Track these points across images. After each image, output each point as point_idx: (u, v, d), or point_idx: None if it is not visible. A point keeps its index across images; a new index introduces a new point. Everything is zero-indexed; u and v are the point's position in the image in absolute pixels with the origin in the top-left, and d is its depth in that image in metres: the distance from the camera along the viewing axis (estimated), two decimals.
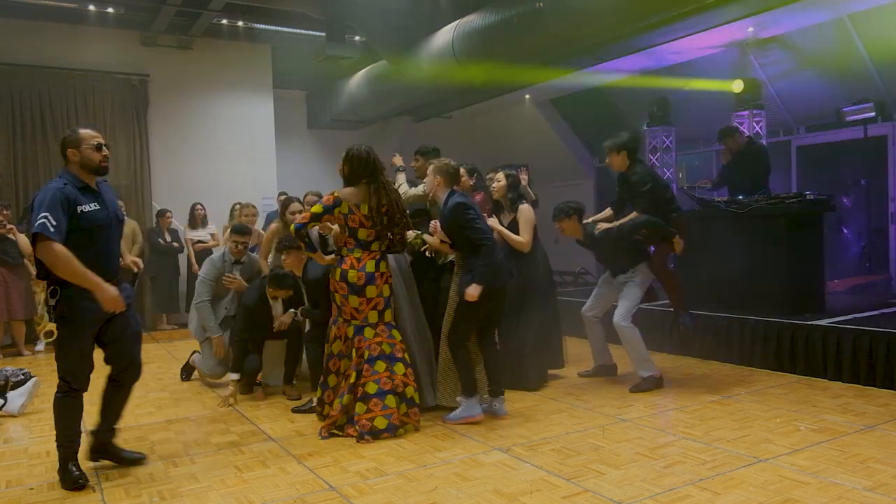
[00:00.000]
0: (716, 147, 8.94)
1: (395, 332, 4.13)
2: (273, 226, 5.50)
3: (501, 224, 4.92)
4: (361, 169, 4.03)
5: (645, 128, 8.94)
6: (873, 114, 6.87)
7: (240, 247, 5.27)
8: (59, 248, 3.01)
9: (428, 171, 4.31)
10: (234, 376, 4.84)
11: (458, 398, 4.25)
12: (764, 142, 7.54)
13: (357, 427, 3.91)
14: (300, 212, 5.40)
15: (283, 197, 7.57)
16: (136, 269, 3.85)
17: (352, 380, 3.99)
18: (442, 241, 4.34)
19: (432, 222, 4.41)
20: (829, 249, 6.25)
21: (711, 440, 3.72)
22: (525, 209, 4.91)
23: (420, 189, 4.78)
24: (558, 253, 9.98)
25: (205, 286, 5.17)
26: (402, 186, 4.90)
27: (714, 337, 5.78)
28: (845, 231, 7.76)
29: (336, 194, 4.02)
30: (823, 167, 7.08)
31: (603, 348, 5.34)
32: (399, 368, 4.04)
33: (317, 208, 4.02)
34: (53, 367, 3.25)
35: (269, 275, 5.00)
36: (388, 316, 4.11)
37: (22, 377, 4.92)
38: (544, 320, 5.03)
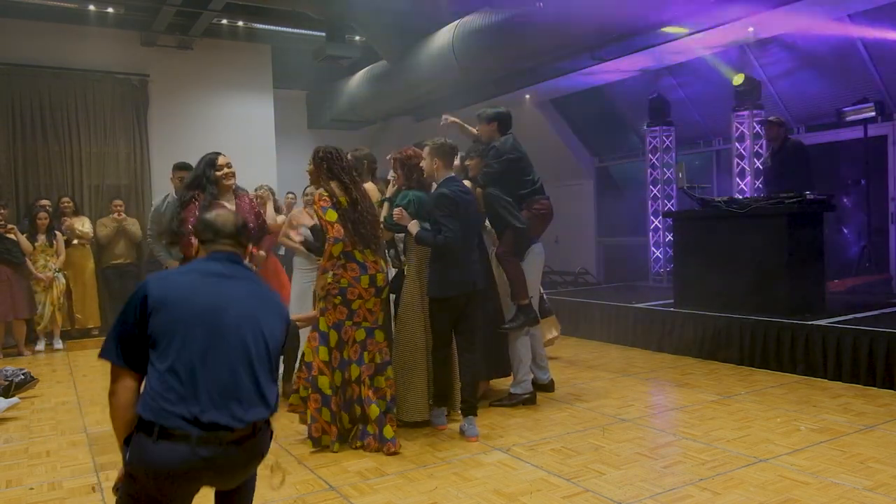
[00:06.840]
0: (716, 147, 8.94)
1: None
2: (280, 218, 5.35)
3: None
4: (338, 167, 3.77)
5: (645, 128, 8.93)
6: (873, 114, 6.86)
7: None
8: None
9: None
10: None
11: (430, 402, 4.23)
12: (763, 142, 7.53)
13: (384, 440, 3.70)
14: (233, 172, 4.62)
15: (290, 196, 7.52)
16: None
17: (366, 387, 3.76)
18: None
19: (396, 210, 4.04)
20: (829, 249, 6.24)
21: (711, 440, 3.72)
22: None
23: None
24: (559, 253, 9.99)
25: None
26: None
27: (714, 337, 5.79)
28: (845, 231, 7.75)
29: (325, 194, 3.72)
30: (823, 167, 7.07)
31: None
32: (390, 372, 3.88)
33: (331, 215, 3.69)
34: (54, 366, 3.25)
35: None
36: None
37: (22, 377, 4.92)
38: (487, 323, 4.55)
